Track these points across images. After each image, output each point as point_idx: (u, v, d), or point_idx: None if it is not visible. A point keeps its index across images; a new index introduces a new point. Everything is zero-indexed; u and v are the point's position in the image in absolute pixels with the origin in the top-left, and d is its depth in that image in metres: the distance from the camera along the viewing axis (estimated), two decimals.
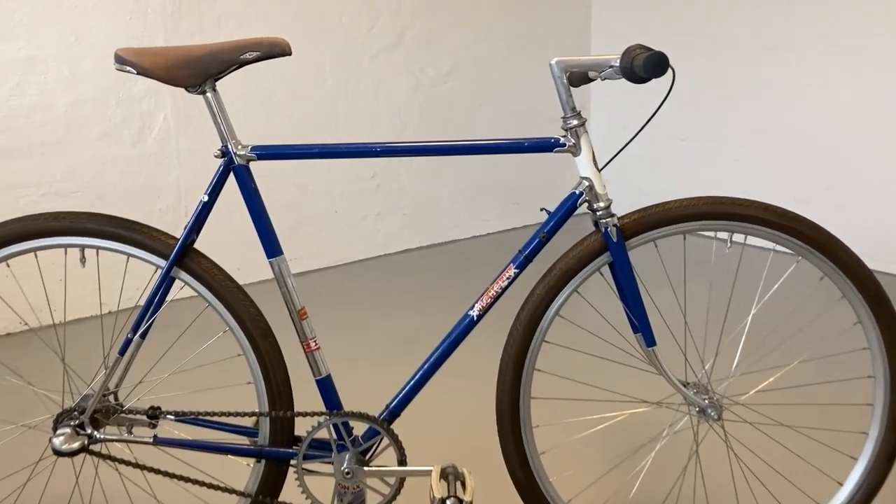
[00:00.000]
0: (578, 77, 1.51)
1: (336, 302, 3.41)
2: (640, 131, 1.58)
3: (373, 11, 3.80)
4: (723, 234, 1.55)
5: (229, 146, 1.50)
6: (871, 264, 3.35)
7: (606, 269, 1.55)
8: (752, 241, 1.57)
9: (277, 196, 3.66)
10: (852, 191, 3.71)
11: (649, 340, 1.54)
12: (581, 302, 1.63)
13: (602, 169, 1.52)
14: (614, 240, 1.49)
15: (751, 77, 3.96)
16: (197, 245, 1.55)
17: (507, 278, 1.52)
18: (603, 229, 1.50)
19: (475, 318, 1.54)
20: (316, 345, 1.56)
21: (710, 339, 2.01)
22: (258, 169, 1.64)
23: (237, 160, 1.50)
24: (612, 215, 1.50)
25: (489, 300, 1.53)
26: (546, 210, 1.54)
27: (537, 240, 1.51)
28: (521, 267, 1.52)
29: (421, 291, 3.51)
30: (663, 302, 1.82)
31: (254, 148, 1.50)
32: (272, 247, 1.53)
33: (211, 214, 1.53)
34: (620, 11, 4.45)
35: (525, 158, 4.42)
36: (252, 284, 3.48)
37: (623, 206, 1.72)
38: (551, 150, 1.49)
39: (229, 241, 2.99)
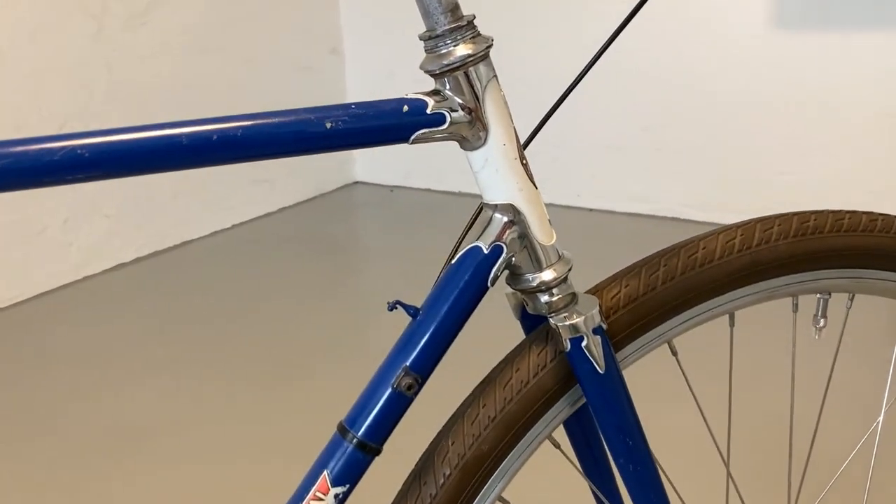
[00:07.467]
0: None
1: None
2: (592, 62, 0.64)
3: None
4: (806, 298, 0.67)
5: None
6: (701, 215, 2.81)
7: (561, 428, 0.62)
8: (865, 302, 0.70)
9: None
10: (673, 132, 3.09)
11: None
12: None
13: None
14: (596, 362, 0.55)
15: None
16: None
17: None
18: (568, 341, 0.55)
19: None
20: None
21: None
22: None
23: None
24: (575, 298, 0.56)
25: None
26: (405, 308, 0.56)
27: (388, 391, 0.53)
28: (350, 478, 0.54)
29: (144, 332, 2.35)
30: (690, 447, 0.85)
31: None
32: None
33: None
34: None
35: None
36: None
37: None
38: (406, 139, 0.51)
39: None
